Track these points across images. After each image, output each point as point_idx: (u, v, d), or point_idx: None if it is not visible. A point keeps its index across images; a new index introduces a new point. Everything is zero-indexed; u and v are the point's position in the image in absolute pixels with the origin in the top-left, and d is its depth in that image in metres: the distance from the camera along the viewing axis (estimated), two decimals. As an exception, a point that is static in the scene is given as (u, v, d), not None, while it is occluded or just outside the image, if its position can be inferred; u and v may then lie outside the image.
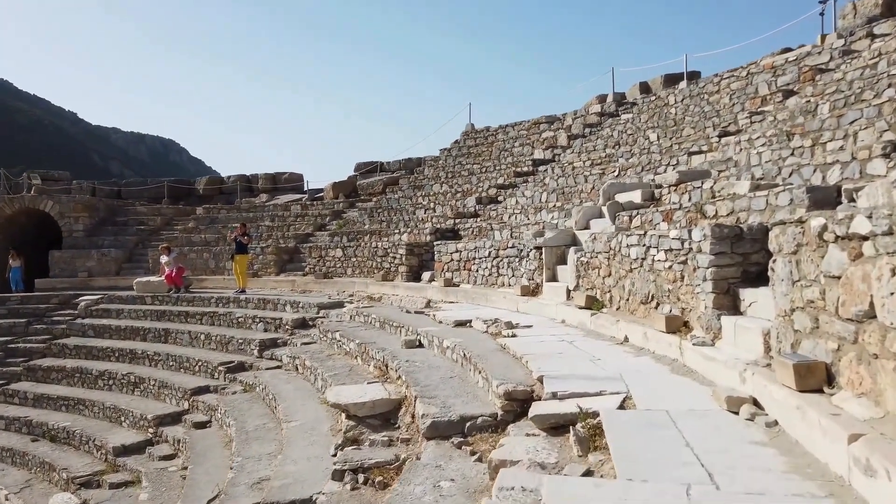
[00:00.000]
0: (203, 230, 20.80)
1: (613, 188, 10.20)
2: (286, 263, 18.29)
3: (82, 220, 21.16)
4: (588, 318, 8.10)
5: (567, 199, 12.96)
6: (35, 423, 13.40)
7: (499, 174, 17.25)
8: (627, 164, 12.62)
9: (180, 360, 13.61)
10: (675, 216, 7.84)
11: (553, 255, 10.14)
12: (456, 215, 15.62)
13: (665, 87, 17.76)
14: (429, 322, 10.11)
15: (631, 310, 7.45)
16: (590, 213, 10.21)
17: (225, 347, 13.71)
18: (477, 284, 12.43)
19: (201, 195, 27.12)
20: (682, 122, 13.87)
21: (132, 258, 20.45)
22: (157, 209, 23.48)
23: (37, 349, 16.11)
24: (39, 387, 14.80)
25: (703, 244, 5.60)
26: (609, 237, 8.06)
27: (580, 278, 8.98)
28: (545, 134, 19.02)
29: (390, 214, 18.13)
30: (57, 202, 20.94)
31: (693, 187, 8.32)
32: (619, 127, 16.10)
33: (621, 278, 7.71)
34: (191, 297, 16.64)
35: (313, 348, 11.77)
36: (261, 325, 14.14)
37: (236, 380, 12.05)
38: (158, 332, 15.20)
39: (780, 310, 4.18)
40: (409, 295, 13.80)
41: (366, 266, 15.84)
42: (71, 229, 20.95)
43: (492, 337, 8.24)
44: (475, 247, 12.47)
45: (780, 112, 10.15)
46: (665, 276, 6.52)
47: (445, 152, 21.94)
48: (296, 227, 19.76)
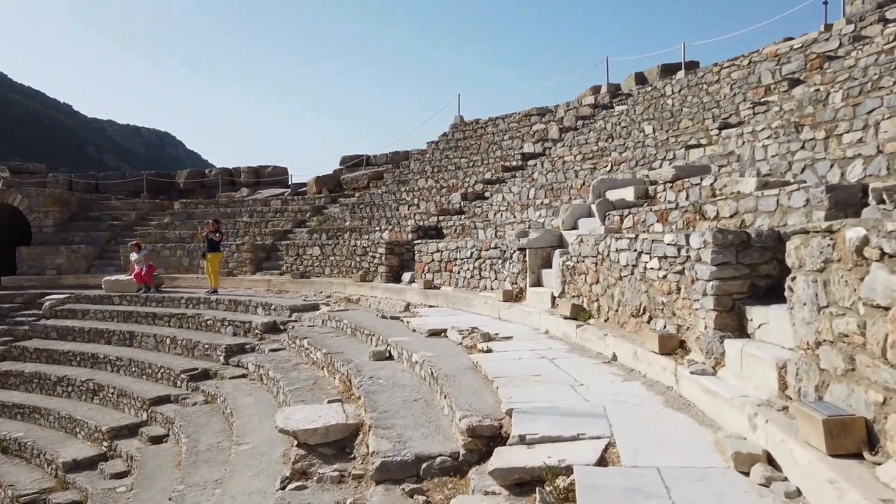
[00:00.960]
0: (178, 226, 19.89)
1: (604, 184, 9.34)
2: (263, 262, 17.40)
3: (52, 214, 20.22)
4: (573, 330, 7.26)
5: (556, 196, 12.09)
6: (-14, 433, 12.52)
7: (486, 169, 16.37)
8: (620, 159, 11.77)
9: (143, 365, 12.75)
10: (670, 217, 6.99)
11: (538, 257, 9.29)
12: (440, 212, 14.74)
13: (662, 77, 16.88)
14: (402, 330, 9.27)
15: (620, 322, 6.61)
16: (578, 211, 9.35)
17: (191, 352, 12.85)
18: (458, 287, 11.57)
19: (182, 189, 26.18)
20: (679, 113, 13.00)
21: (104, 255, 19.53)
22: (133, 203, 22.54)
23: (-4, 352, 15.21)
24: (-6, 393, 13.91)
25: (702, 252, 4.75)
26: (597, 240, 7.21)
27: (566, 284, 8.13)
28: (536, 126, 18.13)
29: (372, 211, 17.23)
30: (26, 196, 19.99)
31: (691, 184, 7.47)
32: (613, 119, 15.23)
33: (610, 286, 6.86)
34: (160, 298, 15.75)
35: (281, 356, 10.92)
36: (230, 328, 13.28)
37: (199, 389, 11.21)
38: (123, 334, 14.33)
39: (802, 341, 3.33)
40: (388, 297, 12.95)
41: (344, 265, 14.97)
42: (41, 224, 20.01)
43: (466, 350, 7.39)
44: (457, 247, 11.60)
45: (787, 102, 9.29)
46: (658, 286, 5.67)
47: (432, 145, 21.03)
48: (274, 224, 18.86)
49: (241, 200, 22.22)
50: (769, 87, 11.13)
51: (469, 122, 21.50)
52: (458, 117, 22.04)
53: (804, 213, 4.81)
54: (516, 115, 19.69)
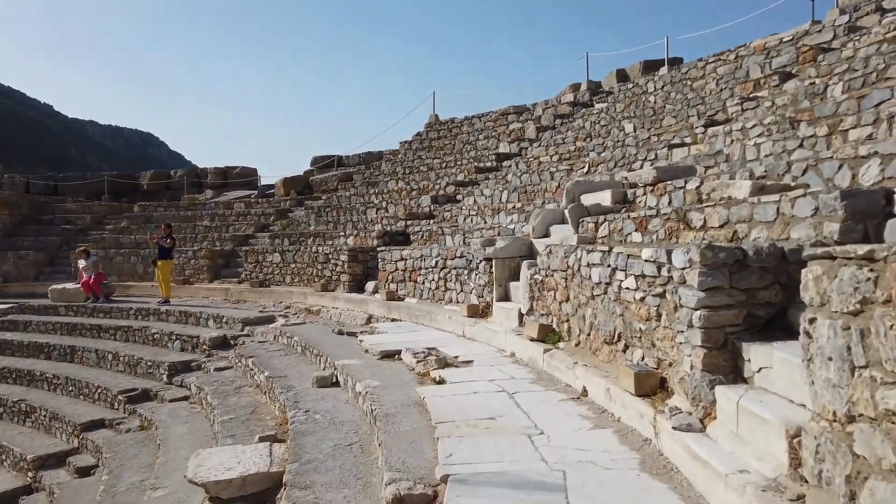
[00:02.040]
0: (135, 230, 18.72)
1: (579, 187, 8.42)
2: (221, 269, 16.31)
3: (1, 218, 18.98)
4: (540, 355, 6.32)
5: (530, 200, 11.17)
6: None
7: (459, 170, 15.41)
8: (599, 159, 10.86)
9: (80, 385, 11.66)
10: (650, 225, 6.08)
11: (505, 268, 8.34)
12: (408, 216, 13.76)
13: (644, 74, 16.04)
14: (354, 350, 8.29)
15: (593, 348, 5.68)
16: (550, 217, 8.42)
17: (133, 370, 11.79)
18: (423, 299, 10.61)
19: (146, 191, 24.99)
20: (662, 111, 12.13)
21: (55, 261, 18.33)
22: (89, 206, 21.30)
23: (-75, 368, 13.99)
24: (-81, 414, 12.72)
25: (688, 274, 3.82)
26: (566, 252, 6.27)
27: (534, 301, 7.19)
28: (513, 126, 17.21)
29: (339, 214, 16.20)
30: (-30, 198, 18.78)
31: (674, 187, 6.56)
32: (592, 118, 14.35)
33: (581, 306, 5.93)
34: (108, 308, 14.63)
35: (226, 376, 9.90)
36: (177, 343, 12.21)
37: (136, 412, 10.17)
38: (65, 349, 13.21)
39: (825, 409, 2.40)
40: (349, 309, 11.96)
41: (306, 273, 13.94)
42: (-13, 229, 18.80)
43: (418, 379, 6.44)
44: (421, 255, 10.64)
45: (779, 97, 8.44)
46: (635, 310, 4.74)
47: (405, 145, 20.03)
48: (236, 228, 17.74)
49: (203, 203, 21.08)
50: (758, 81, 10.29)
51: (444, 121, 20.54)
52: (433, 116, 21.08)
53: (812, 224, 3.90)
54: (493, 113, 18.78)
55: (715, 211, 5.01)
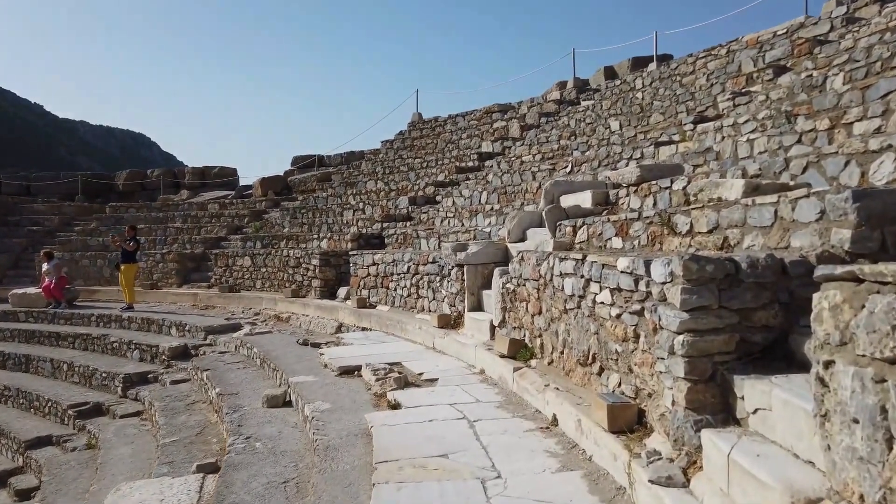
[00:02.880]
0: (104, 232, 17.95)
1: (558, 187, 7.77)
2: (191, 272, 15.57)
3: (-37, 219, 18.21)
4: (510, 374, 5.67)
5: (510, 201, 10.53)
6: None
7: (440, 170, 14.75)
8: (583, 158, 10.23)
9: (32, 397, 10.92)
10: (632, 229, 5.43)
11: (478, 276, 7.69)
12: (384, 218, 13.08)
13: (633, 70, 15.44)
14: (313, 365, 7.63)
15: (566, 369, 5.03)
16: (527, 220, 7.77)
17: (88, 381, 11.06)
18: (395, 307, 9.94)
19: (121, 191, 24.17)
20: (649, 108, 11.51)
21: (19, 264, 17.53)
22: (58, 207, 20.48)
23: None
24: None
25: (669, 289, 3.18)
26: (538, 259, 5.62)
27: (506, 312, 6.54)
28: (497, 124, 16.56)
29: (314, 216, 15.50)
30: (-69, 199, 17.95)
31: (660, 188, 5.93)
32: (578, 115, 13.71)
33: (554, 320, 5.28)
34: (69, 315, 13.88)
35: (181, 390, 9.21)
36: (136, 353, 11.50)
37: (85, 428, 9.46)
38: (20, 358, 12.47)
39: (846, 487, 1.76)
40: (320, 317, 11.29)
41: (276, 278, 13.24)
42: (-51, 230, 17.98)
43: (373, 400, 5.78)
44: (393, 260, 9.97)
45: (773, 90, 7.82)
46: (611, 328, 4.10)
47: (387, 145, 19.34)
48: (208, 230, 17.00)
49: (176, 204, 20.31)
50: (751, 75, 9.68)
51: (427, 119, 19.87)
52: (416, 114, 20.40)
53: (817, 230, 3.26)
54: (477, 112, 18.13)
55: (703, 214, 4.37)
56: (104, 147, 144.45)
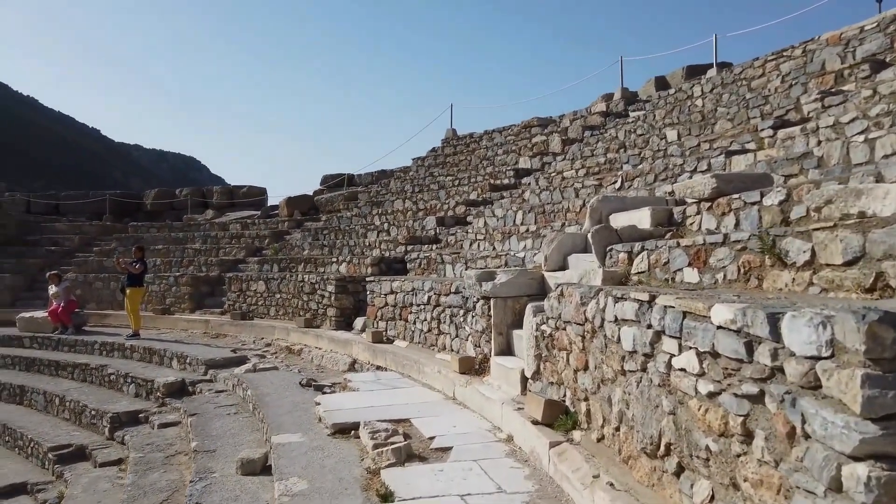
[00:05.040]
0: (122, 253, 17.11)
1: (607, 204, 6.32)
2: (205, 297, 14.51)
3: (-18, 238, 17.64)
4: (546, 449, 4.23)
5: (548, 221, 9.12)
6: None
7: (472, 188, 13.43)
8: (634, 172, 8.76)
9: (16, 435, 9.90)
10: (713, 258, 3.97)
11: (508, 311, 6.28)
12: (409, 240, 11.79)
13: (688, 79, 13.93)
14: (306, 417, 6.33)
15: (624, 454, 3.57)
16: (569, 243, 6.34)
17: (78, 419, 10.00)
18: (414, 343, 8.58)
19: (150, 210, 23.56)
20: (712, 115, 9.98)
21: (35, 286, 16.79)
22: (79, 226, 19.82)
23: None
24: None
25: (829, 372, 1.74)
26: (583, 296, 4.20)
27: (541, 361, 5.10)
28: (536, 139, 15.18)
29: (336, 237, 14.31)
30: (-49, 217, 17.46)
31: (744, 203, 4.44)
32: (627, 126, 12.24)
33: (606, 381, 3.84)
34: (73, 342, 12.94)
35: (167, 436, 7.99)
36: (132, 387, 10.38)
37: (62, 476, 8.33)
38: (14, 389, 11.52)
39: None
40: (332, 350, 10.01)
41: (290, 305, 12.04)
42: (-34, 250, 17.42)
43: (364, 479, 4.41)
44: (413, 288, 8.63)
45: (881, 86, 6.26)
46: (699, 411, 2.66)
47: (418, 162, 18.14)
48: (226, 252, 15.97)
49: (198, 224, 19.43)
50: (841, 73, 8.11)
51: (462, 135, 18.62)
52: (450, 130, 19.18)
53: None
54: (515, 126, 16.80)
55: (835, 237, 2.90)
56: (156, 170, 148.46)
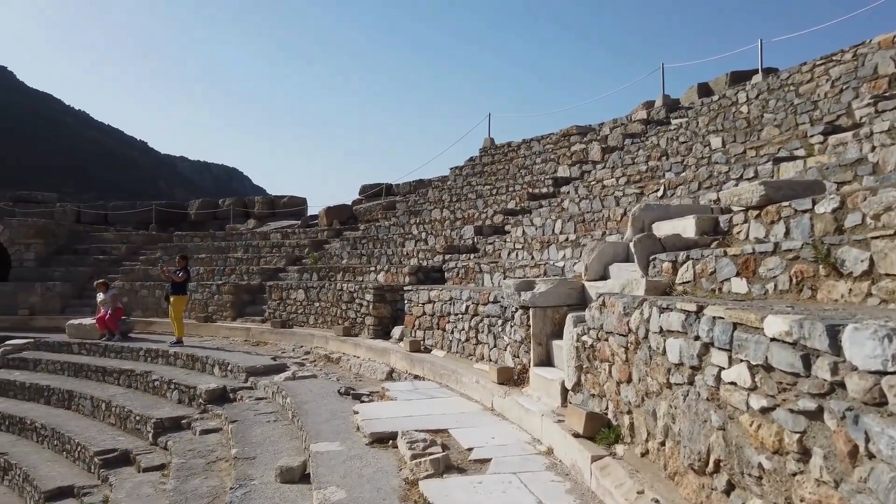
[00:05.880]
0: (167, 261, 17.53)
1: (649, 213, 6.20)
2: (246, 305, 14.73)
3: (35, 247, 18.22)
4: (587, 464, 4.13)
5: (588, 230, 8.99)
6: None
7: (511, 197, 13.35)
8: (677, 180, 8.58)
9: (64, 440, 10.17)
10: (763, 267, 3.83)
11: (547, 321, 6.19)
12: (447, 249, 11.77)
13: (732, 85, 13.63)
14: (345, 425, 6.34)
15: (670, 470, 3.45)
16: (610, 252, 6.22)
17: (123, 424, 10.21)
18: (451, 352, 8.53)
19: (194, 220, 24.12)
20: (758, 121, 9.73)
21: (83, 294, 17.30)
22: (126, 236, 20.38)
23: (-73, 409, 12.94)
24: None
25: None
26: (627, 306, 4.10)
27: (582, 372, 5.00)
28: (575, 147, 15.04)
29: (374, 246, 14.39)
30: (7, 227, 18.09)
31: (795, 210, 4.28)
32: (669, 134, 12.02)
33: (650, 394, 3.73)
34: (119, 348, 13.26)
35: (209, 443, 8.10)
36: (175, 393, 10.57)
37: (107, 480, 8.54)
38: (63, 394, 11.85)
39: None
40: (370, 359, 10.03)
41: (329, 313, 12.12)
42: (21, 258, 18.03)
43: (402, 490, 4.37)
44: (450, 297, 8.59)
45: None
46: (751, 427, 2.55)
47: (455, 171, 18.15)
48: (267, 261, 16.22)
49: (240, 233, 19.76)
50: (894, 77, 7.82)
51: (500, 144, 18.58)
52: (488, 139, 19.16)
53: None
54: (553, 135, 16.68)
55: None
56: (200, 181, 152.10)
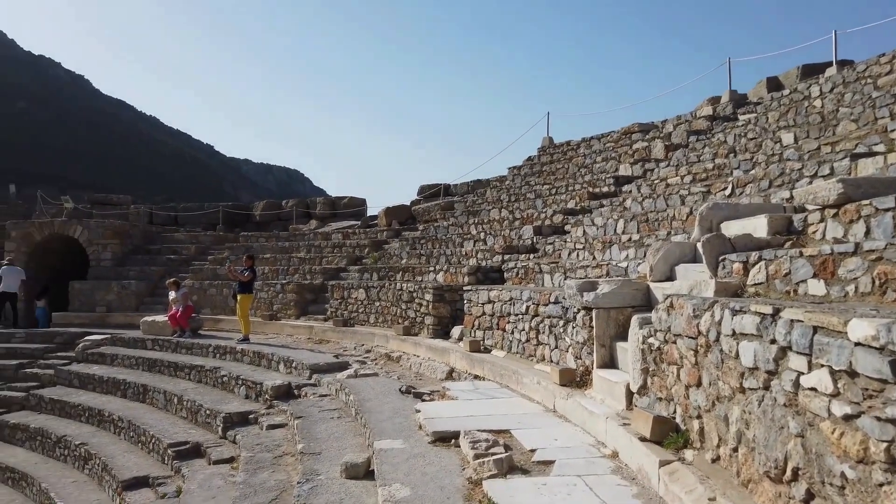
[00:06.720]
0: (234, 261, 18.12)
1: (718, 212, 6.03)
2: (309, 304, 15.07)
3: (111, 247, 19.13)
4: (655, 469, 4.06)
5: (652, 230, 8.81)
6: (-30, 501, 10.87)
7: (570, 196, 13.21)
8: (746, 178, 8.31)
9: (139, 431, 10.64)
10: (842, 269, 3.67)
11: (611, 323, 6.10)
12: (505, 249, 11.73)
13: (804, 78, 13.09)
14: (407, 424, 6.42)
15: (744, 477, 3.36)
16: (676, 253, 6.08)
17: (194, 417, 10.61)
18: (511, 353, 8.51)
19: (258, 221, 24.84)
20: (833, 115, 9.32)
21: (155, 292, 18.07)
22: (195, 236, 21.16)
23: (16, 399, 13.78)
24: (0, 449, 12.37)
25: None
26: (696, 308, 4.00)
27: (648, 375, 4.91)
28: (637, 145, 14.75)
29: (433, 246, 14.48)
30: (86, 228, 19.07)
31: (877, 209, 4.09)
32: (737, 130, 11.65)
33: (722, 399, 3.63)
34: (190, 345, 13.77)
35: (275, 438, 8.33)
36: (243, 389, 10.90)
37: (180, 472, 8.89)
38: (138, 388, 12.40)
39: None
40: (430, 359, 10.11)
41: (389, 313, 12.28)
42: (99, 257, 18.97)
43: (466, 489, 4.40)
44: (510, 298, 8.57)
45: None
46: (832, 435, 2.45)
47: (514, 171, 18.07)
48: (329, 260, 16.54)
49: (302, 234, 20.22)
50: None
51: (559, 143, 18.40)
52: (546, 138, 19.00)
53: None
54: (614, 133, 16.40)
55: None
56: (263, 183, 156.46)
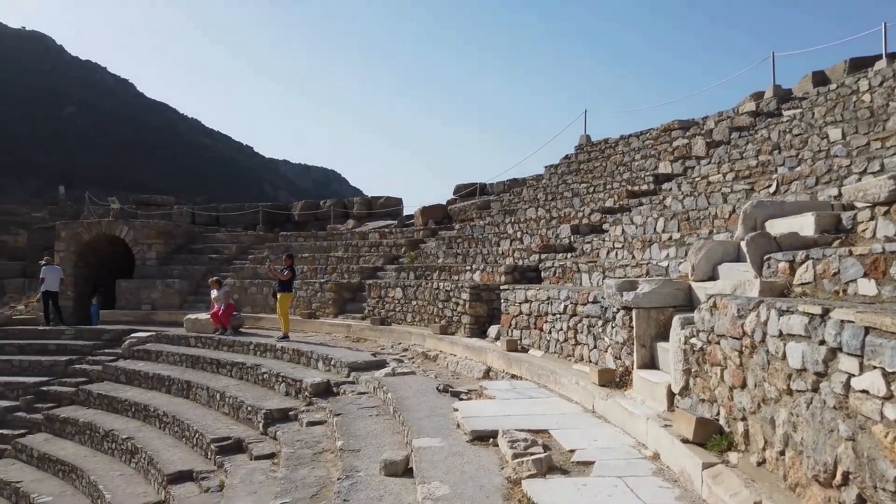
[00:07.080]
0: (273, 260, 18.43)
1: (762, 210, 5.90)
2: (347, 303, 15.23)
3: (156, 247, 19.64)
4: (699, 471, 3.99)
5: (693, 229, 8.66)
6: (22, 491, 11.29)
7: (608, 195, 13.06)
8: (791, 175, 8.10)
9: (184, 426, 10.90)
10: (893, 268, 3.57)
11: (651, 323, 6.02)
12: (543, 248, 11.66)
13: (852, 72, 12.70)
14: (445, 422, 6.45)
15: (791, 480, 3.28)
16: (719, 252, 5.97)
17: (236, 413, 10.82)
18: (549, 352, 8.46)
19: (297, 221, 25.20)
20: (883, 110, 9.02)
21: (199, 290, 18.49)
22: (236, 236, 21.57)
23: (66, 394, 14.25)
24: (49, 443, 12.79)
25: None
26: (741, 308, 3.93)
27: (690, 376, 4.83)
28: (677, 143, 14.51)
29: (469, 246, 14.48)
30: (132, 228, 19.62)
31: (932, 206, 3.96)
32: (781, 126, 11.36)
33: (768, 401, 3.56)
34: (231, 342, 14.05)
35: (315, 434, 8.45)
36: (283, 386, 11.09)
37: (223, 467, 9.07)
38: (182, 384, 12.70)
39: None
40: (467, 358, 10.12)
41: (426, 312, 12.33)
42: (144, 257, 19.49)
43: (505, 489, 4.41)
44: (548, 297, 8.52)
45: None
46: (886, 439, 2.38)
47: (551, 170, 17.94)
48: (366, 259, 16.69)
49: (340, 233, 20.43)
50: None
51: (596, 141, 18.21)
52: (584, 136, 18.81)
53: None
54: (653, 130, 16.16)
55: None
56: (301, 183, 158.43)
